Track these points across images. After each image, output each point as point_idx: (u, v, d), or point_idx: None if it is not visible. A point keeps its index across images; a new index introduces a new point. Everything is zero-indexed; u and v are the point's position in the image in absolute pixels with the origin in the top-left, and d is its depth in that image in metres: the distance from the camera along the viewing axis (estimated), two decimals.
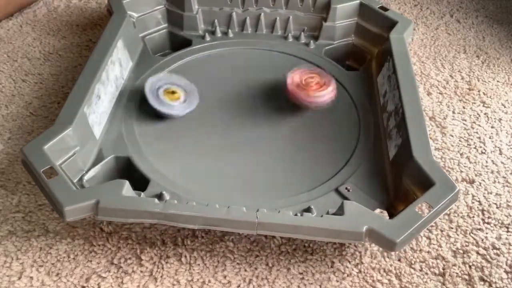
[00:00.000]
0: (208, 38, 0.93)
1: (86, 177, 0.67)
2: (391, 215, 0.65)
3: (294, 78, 0.80)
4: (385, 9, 0.91)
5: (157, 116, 0.77)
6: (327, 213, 0.63)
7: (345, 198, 0.67)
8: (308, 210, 0.65)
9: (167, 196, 0.66)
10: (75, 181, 0.66)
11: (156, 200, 0.60)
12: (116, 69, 0.81)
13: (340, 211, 0.61)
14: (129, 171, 0.71)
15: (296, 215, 0.61)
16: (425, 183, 0.63)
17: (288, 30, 0.95)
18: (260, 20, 0.95)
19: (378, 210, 0.66)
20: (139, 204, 0.60)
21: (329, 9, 0.92)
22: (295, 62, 0.90)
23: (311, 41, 0.93)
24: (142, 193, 0.65)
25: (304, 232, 0.59)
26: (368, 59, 0.91)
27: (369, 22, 0.92)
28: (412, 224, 0.58)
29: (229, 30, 0.95)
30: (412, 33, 0.92)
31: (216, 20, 0.95)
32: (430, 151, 0.66)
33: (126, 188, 0.62)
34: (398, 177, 0.67)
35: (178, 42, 0.94)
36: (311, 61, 0.89)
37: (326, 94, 0.79)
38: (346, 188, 0.69)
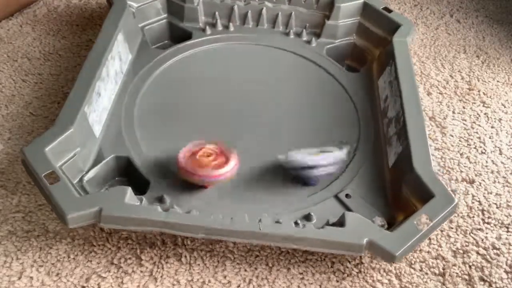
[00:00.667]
0: (208, 31, 0.92)
1: (86, 178, 0.67)
2: (390, 222, 0.65)
3: (186, 152, 0.68)
4: (389, 11, 0.90)
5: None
6: (328, 221, 0.63)
7: (345, 204, 0.68)
8: (308, 216, 0.65)
9: (168, 199, 0.66)
10: (75, 182, 0.65)
11: (159, 209, 0.60)
12: (116, 64, 0.80)
13: (341, 222, 0.61)
14: (129, 171, 0.71)
15: (297, 223, 0.61)
16: (425, 195, 0.63)
17: (290, 26, 0.94)
18: (262, 14, 0.94)
19: (378, 219, 0.66)
20: (142, 212, 0.60)
21: (333, 7, 0.92)
22: (295, 59, 0.89)
23: (313, 39, 0.92)
24: (143, 197, 0.65)
25: (306, 243, 0.60)
26: (369, 61, 0.90)
27: (371, 22, 0.91)
28: (411, 237, 0.59)
29: (230, 24, 0.93)
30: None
31: (217, 13, 0.93)
32: (430, 162, 0.66)
33: (129, 195, 0.61)
34: (397, 184, 0.68)
35: (177, 33, 0.93)
36: (312, 59, 0.89)
37: (228, 170, 0.67)
38: (346, 195, 0.69)
